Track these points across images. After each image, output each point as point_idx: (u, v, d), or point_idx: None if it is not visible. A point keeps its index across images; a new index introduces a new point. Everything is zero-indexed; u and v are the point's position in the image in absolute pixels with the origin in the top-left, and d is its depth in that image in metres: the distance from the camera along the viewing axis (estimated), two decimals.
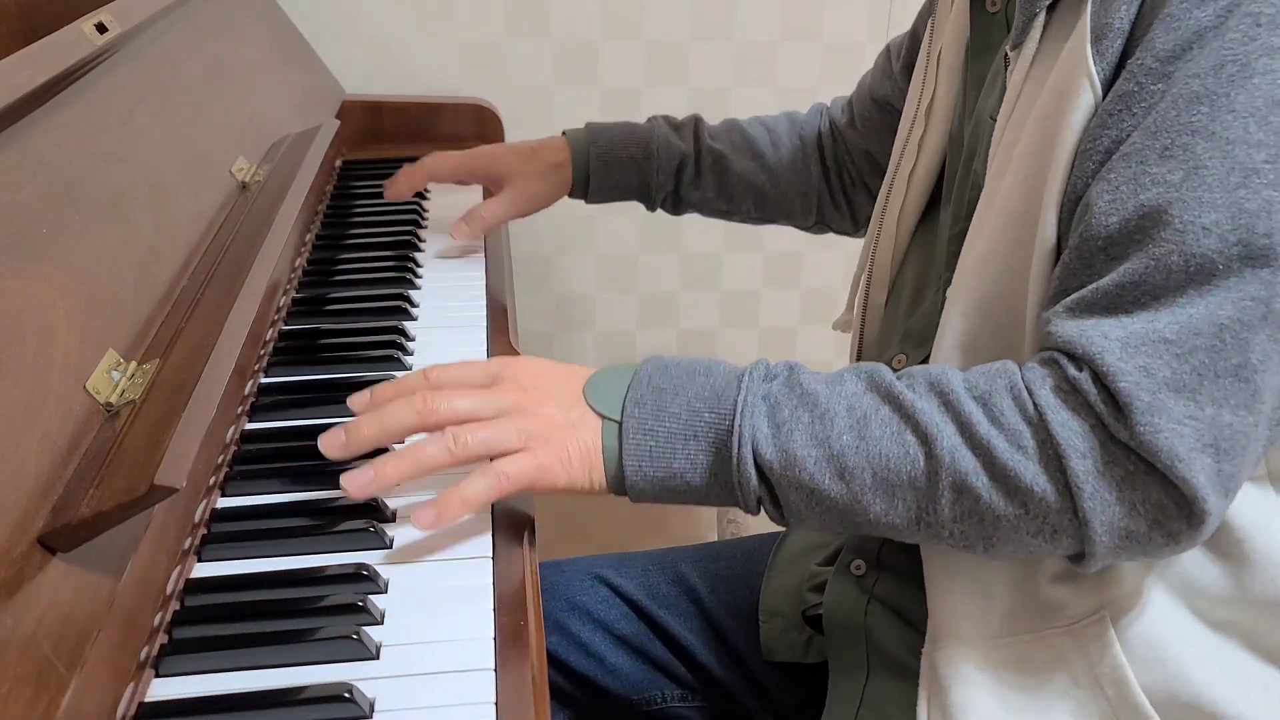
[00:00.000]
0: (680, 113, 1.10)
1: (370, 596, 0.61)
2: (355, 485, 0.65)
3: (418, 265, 1.05)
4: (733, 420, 0.64)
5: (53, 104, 0.71)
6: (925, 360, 0.77)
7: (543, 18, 1.46)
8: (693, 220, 1.60)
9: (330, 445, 0.67)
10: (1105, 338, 0.60)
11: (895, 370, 0.80)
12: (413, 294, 0.99)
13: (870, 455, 0.63)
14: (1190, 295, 0.59)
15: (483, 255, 1.09)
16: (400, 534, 0.67)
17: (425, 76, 1.46)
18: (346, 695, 0.55)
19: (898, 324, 0.84)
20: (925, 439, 0.62)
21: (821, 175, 1.09)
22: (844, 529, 0.67)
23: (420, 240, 1.12)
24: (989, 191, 0.70)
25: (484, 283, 1.02)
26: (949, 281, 0.73)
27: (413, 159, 1.32)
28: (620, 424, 0.66)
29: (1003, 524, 0.62)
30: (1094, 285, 0.62)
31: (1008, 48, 0.71)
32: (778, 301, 1.68)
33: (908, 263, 0.87)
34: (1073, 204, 0.64)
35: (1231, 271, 0.58)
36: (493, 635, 0.60)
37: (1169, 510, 0.59)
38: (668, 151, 1.05)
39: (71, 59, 0.72)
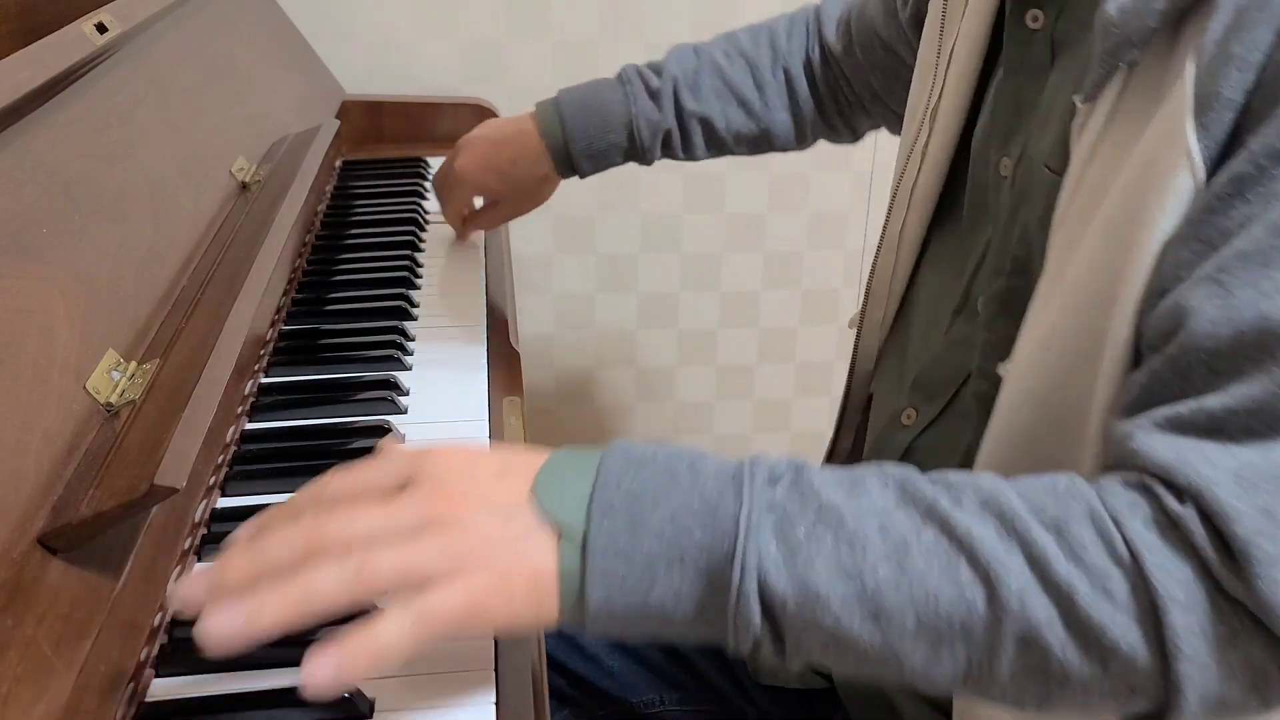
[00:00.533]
0: None
1: None
2: (215, 634, 0.48)
3: (418, 265, 1.05)
4: (734, 542, 0.50)
5: (53, 104, 0.71)
6: (938, 418, 0.71)
7: (543, 18, 1.46)
8: (693, 220, 1.62)
9: (186, 598, 0.50)
10: (1213, 467, 0.49)
11: (905, 426, 0.73)
12: (413, 294, 0.99)
13: (914, 594, 0.49)
14: None
15: (482, 255, 1.09)
16: None
17: (425, 76, 1.47)
18: (346, 695, 0.55)
19: (908, 363, 0.78)
20: (986, 577, 0.49)
21: (814, 104, 1.03)
22: (868, 674, 0.54)
23: (420, 240, 1.12)
24: (1055, 265, 0.60)
25: (484, 283, 1.03)
26: (988, 344, 0.66)
27: (413, 159, 1.33)
28: (585, 539, 0.50)
29: (1072, 684, 0.50)
30: (1195, 402, 0.51)
31: (1078, 100, 0.60)
32: (778, 301, 1.68)
33: (920, 288, 0.78)
34: (1156, 296, 0.54)
35: None
36: (493, 635, 0.60)
37: (1270, 675, 0.49)
38: (650, 129, 1.03)
39: (71, 59, 0.72)
